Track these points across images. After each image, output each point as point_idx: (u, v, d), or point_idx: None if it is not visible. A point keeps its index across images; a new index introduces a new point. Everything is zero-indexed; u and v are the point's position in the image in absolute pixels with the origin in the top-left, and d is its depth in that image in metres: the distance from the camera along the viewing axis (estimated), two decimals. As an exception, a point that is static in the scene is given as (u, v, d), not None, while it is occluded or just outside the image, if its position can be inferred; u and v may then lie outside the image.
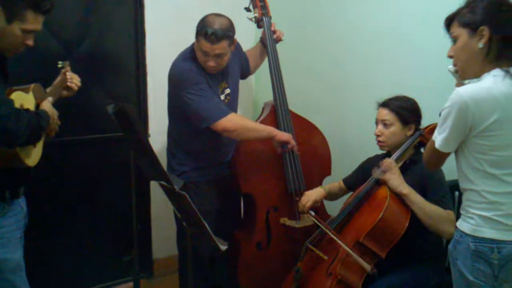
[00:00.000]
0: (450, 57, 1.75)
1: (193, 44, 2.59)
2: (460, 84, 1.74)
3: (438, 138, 1.68)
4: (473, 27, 1.64)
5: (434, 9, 2.54)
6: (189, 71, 2.53)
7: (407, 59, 2.70)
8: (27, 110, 1.90)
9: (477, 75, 1.67)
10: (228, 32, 2.47)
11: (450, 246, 1.77)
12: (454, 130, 1.63)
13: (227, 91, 2.70)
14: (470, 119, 1.59)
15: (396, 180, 2.20)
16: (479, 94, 1.59)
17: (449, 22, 1.74)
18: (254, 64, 2.95)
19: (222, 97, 2.67)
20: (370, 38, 2.90)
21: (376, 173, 2.29)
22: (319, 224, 2.35)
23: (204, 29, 2.44)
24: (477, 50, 1.64)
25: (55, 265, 2.98)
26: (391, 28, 2.77)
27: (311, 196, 2.53)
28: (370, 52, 2.91)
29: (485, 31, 1.62)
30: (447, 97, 1.92)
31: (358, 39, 2.98)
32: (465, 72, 1.71)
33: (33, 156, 2.00)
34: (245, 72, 2.92)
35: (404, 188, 2.17)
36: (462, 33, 1.67)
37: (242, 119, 2.65)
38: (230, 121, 2.53)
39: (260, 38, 2.91)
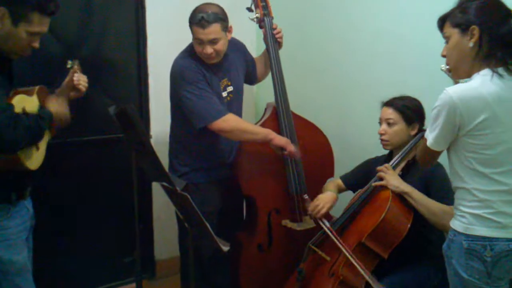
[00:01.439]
0: (444, 56, 1.79)
1: (192, 42, 2.58)
2: (457, 83, 1.77)
3: (429, 137, 1.73)
4: (463, 27, 1.68)
5: (434, 9, 2.54)
6: (188, 68, 2.52)
7: (408, 59, 2.70)
8: (27, 114, 1.89)
9: (469, 74, 1.70)
10: (218, 15, 2.45)
11: (444, 245, 1.79)
12: (443, 129, 1.67)
13: (230, 88, 2.69)
14: (458, 118, 1.63)
15: (394, 181, 2.20)
16: (467, 94, 1.63)
17: (442, 22, 1.78)
18: (262, 71, 2.92)
19: (224, 94, 2.66)
20: (371, 38, 2.89)
21: (373, 183, 2.29)
22: (328, 231, 2.33)
23: (194, 16, 2.44)
24: (467, 49, 1.68)
25: (57, 266, 2.98)
26: (392, 28, 2.76)
27: (326, 203, 2.45)
28: (371, 52, 2.90)
29: (476, 30, 1.66)
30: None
31: (358, 39, 2.97)
32: (457, 71, 1.76)
33: (35, 160, 1.99)
34: (252, 77, 2.90)
35: (405, 186, 2.18)
36: (454, 32, 1.72)
37: (239, 121, 2.63)
38: (226, 122, 2.51)
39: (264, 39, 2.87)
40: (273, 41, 2.73)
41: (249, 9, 2.79)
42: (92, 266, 3.14)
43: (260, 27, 2.79)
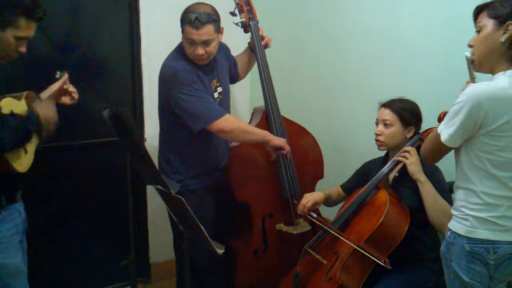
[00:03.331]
0: (470, 46, 1.73)
1: (181, 43, 2.54)
2: (472, 80, 1.73)
3: (444, 132, 1.67)
4: (500, 20, 1.62)
5: (428, 11, 2.55)
6: (182, 70, 2.47)
7: (403, 61, 2.70)
8: (14, 115, 1.88)
9: (492, 70, 1.66)
10: (212, 16, 2.40)
11: (442, 248, 1.77)
12: (463, 126, 1.62)
13: (219, 89, 2.65)
14: (482, 116, 1.58)
15: (416, 166, 2.18)
16: (494, 93, 1.58)
17: (479, 11, 1.71)
18: (243, 69, 2.89)
19: (216, 94, 2.62)
20: (364, 41, 2.89)
21: (396, 156, 2.26)
22: (320, 224, 2.34)
23: (187, 16, 2.39)
24: (498, 44, 1.63)
25: (51, 270, 2.97)
26: (386, 31, 2.76)
27: (311, 197, 2.49)
28: (364, 55, 2.90)
29: (511, 26, 1.60)
30: (442, 101, 1.92)
31: (352, 42, 2.97)
32: (481, 64, 1.70)
33: (24, 162, 1.97)
34: (234, 77, 2.87)
35: (421, 175, 2.16)
36: (488, 24, 1.65)
37: (239, 120, 2.62)
38: (227, 122, 2.48)
39: (248, 43, 2.86)
40: (260, 46, 2.71)
41: (233, 14, 2.74)
42: (87, 270, 3.13)
43: (245, 31, 2.76)
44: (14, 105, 1.93)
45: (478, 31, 1.69)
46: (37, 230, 2.26)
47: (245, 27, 2.73)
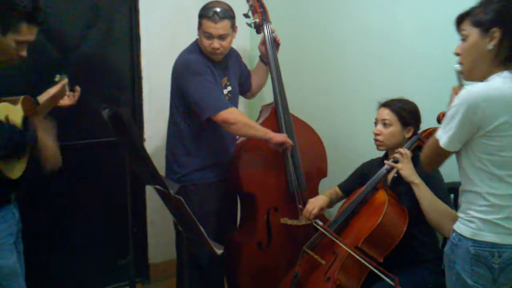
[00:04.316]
0: (457, 54, 1.72)
1: (196, 40, 2.65)
2: (461, 86, 1.71)
3: (443, 137, 1.65)
4: (484, 28, 1.61)
5: (429, 13, 2.55)
6: (195, 61, 2.59)
7: (401, 62, 2.70)
8: (12, 125, 1.86)
9: (483, 77, 1.64)
10: (229, 12, 2.57)
11: (446, 249, 1.75)
12: (461, 129, 1.60)
13: (229, 88, 2.74)
14: (480, 117, 1.56)
15: (409, 169, 2.18)
16: (490, 93, 1.57)
17: (461, 19, 1.71)
18: (258, 83, 2.99)
19: (225, 91, 2.71)
20: (363, 41, 2.89)
21: (389, 161, 2.27)
22: (325, 231, 2.33)
23: (206, 11, 2.54)
24: (486, 51, 1.62)
25: (50, 270, 2.96)
26: (387, 32, 2.76)
27: (316, 203, 2.50)
28: (363, 55, 2.90)
29: (497, 32, 1.59)
30: (442, 101, 1.91)
31: (350, 42, 2.97)
32: (471, 73, 1.69)
33: (16, 169, 1.95)
34: (245, 87, 2.94)
35: (416, 178, 2.15)
36: (473, 32, 1.64)
37: (243, 115, 2.67)
38: (231, 114, 2.55)
39: (260, 56, 2.92)
40: (272, 45, 2.79)
41: (246, 16, 2.85)
42: (86, 270, 3.12)
43: (258, 32, 2.84)
44: (10, 110, 1.91)
45: (463, 40, 1.69)
46: (36, 230, 2.26)
47: (258, 27, 2.82)
